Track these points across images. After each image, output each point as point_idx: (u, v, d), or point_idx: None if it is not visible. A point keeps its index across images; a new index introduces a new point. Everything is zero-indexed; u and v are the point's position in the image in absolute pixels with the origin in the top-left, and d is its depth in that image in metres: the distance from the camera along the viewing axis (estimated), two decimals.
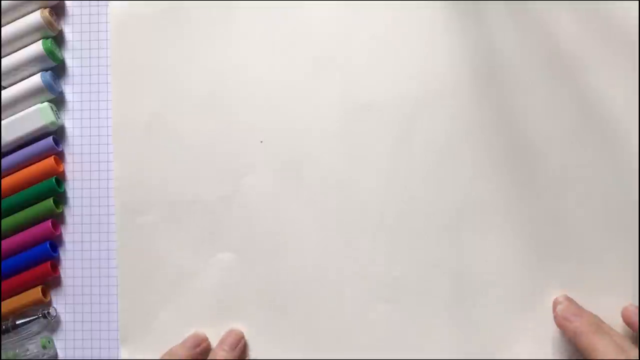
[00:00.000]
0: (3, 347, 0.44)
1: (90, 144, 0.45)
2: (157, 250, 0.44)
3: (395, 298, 0.42)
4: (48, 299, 0.45)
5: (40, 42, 0.44)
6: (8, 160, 0.45)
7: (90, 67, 0.45)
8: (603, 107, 0.41)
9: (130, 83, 0.45)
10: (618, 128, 0.41)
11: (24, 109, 0.45)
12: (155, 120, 0.44)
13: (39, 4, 0.44)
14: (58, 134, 0.45)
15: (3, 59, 0.44)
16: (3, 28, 0.44)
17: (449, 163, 0.42)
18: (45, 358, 0.44)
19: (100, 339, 0.44)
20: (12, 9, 0.44)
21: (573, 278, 0.41)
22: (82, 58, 0.45)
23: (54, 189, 0.44)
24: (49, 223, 0.44)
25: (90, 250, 0.45)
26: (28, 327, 0.44)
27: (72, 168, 0.45)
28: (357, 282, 0.42)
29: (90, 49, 0.45)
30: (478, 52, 0.43)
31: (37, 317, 0.44)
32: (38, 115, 0.44)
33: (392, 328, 0.42)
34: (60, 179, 0.45)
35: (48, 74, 0.44)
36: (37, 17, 0.44)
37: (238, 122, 0.44)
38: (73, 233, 0.45)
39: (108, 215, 0.45)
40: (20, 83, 0.44)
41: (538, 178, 0.42)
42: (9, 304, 0.44)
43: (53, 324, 0.45)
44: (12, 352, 0.44)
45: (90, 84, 0.45)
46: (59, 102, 0.46)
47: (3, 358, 0.44)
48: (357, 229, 0.42)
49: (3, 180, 0.45)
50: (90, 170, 0.45)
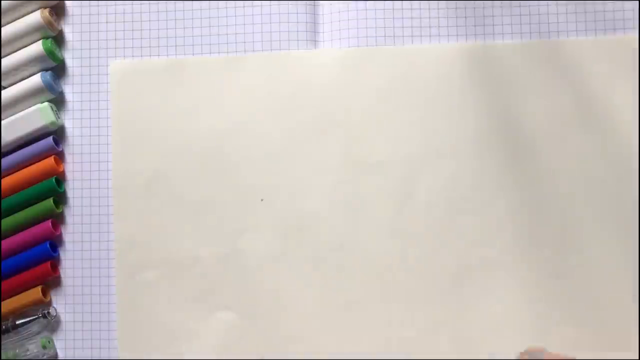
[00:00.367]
0: (3, 347, 0.44)
1: (90, 144, 0.45)
2: (156, 308, 0.44)
3: (398, 356, 0.42)
4: (48, 299, 0.45)
5: (40, 42, 0.44)
6: (8, 160, 0.45)
7: (90, 67, 0.45)
8: (614, 161, 0.42)
9: (131, 140, 0.45)
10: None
11: (24, 109, 0.45)
12: (155, 178, 0.44)
13: (39, 4, 0.44)
14: (58, 134, 0.45)
15: (3, 59, 0.44)
16: (3, 28, 0.44)
17: (452, 221, 0.42)
18: (45, 358, 0.44)
19: (100, 339, 0.44)
20: (12, 9, 0.44)
21: (575, 340, 0.41)
22: (82, 58, 0.45)
23: (54, 189, 0.44)
24: (49, 223, 0.44)
25: (90, 250, 0.45)
26: (28, 327, 0.44)
27: (72, 168, 0.45)
28: (359, 342, 0.42)
29: (90, 49, 0.45)
30: (479, 110, 0.43)
31: (37, 317, 0.44)
32: (38, 115, 0.44)
33: None
34: (60, 179, 0.45)
35: (48, 74, 0.44)
36: (37, 17, 0.44)
37: (239, 180, 0.44)
38: (73, 233, 0.45)
39: (108, 215, 0.45)
40: (20, 83, 0.44)
41: (543, 236, 0.41)
42: (9, 304, 0.44)
43: (53, 324, 0.45)
44: (12, 352, 0.44)
45: (90, 84, 0.45)
46: (59, 102, 0.46)
47: (3, 358, 0.44)
48: (358, 289, 0.42)
49: (3, 180, 0.45)
50: (90, 170, 0.45)
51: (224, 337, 0.43)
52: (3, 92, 0.45)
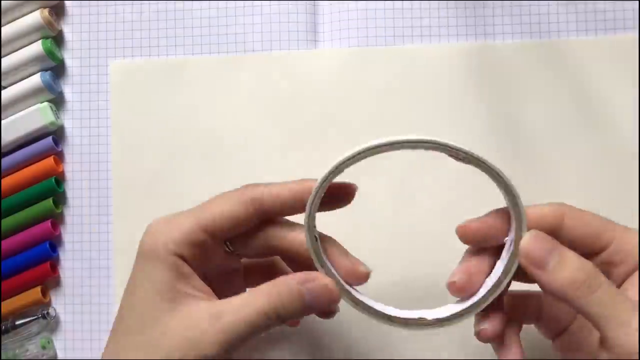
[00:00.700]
0: (3, 347, 0.44)
1: (90, 144, 0.45)
2: None
3: (398, 356, 0.42)
4: (47, 299, 0.45)
5: (40, 42, 0.44)
6: (7, 160, 0.45)
7: (90, 67, 0.45)
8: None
9: (131, 140, 0.44)
10: None
11: (24, 109, 0.44)
12: (155, 178, 0.44)
13: (39, 4, 0.44)
14: (57, 134, 0.45)
15: (3, 59, 0.44)
16: (3, 28, 0.44)
17: (452, 221, 0.42)
18: (45, 358, 0.44)
19: (100, 339, 0.44)
20: (11, 9, 0.44)
21: None
22: (81, 58, 0.45)
23: (54, 189, 0.44)
24: (49, 223, 0.44)
25: (90, 251, 0.45)
26: (27, 327, 0.44)
27: (71, 168, 0.45)
28: (358, 341, 0.42)
29: (90, 49, 0.45)
30: (479, 110, 0.43)
31: (36, 317, 0.44)
32: (38, 115, 0.44)
33: None
34: (60, 179, 0.45)
35: (48, 74, 0.44)
36: (36, 17, 0.44)
37: (239, 180, 0.43)
38: (72, 233, 0.45)
39: (107, 216, 0.45)
40: (20, 83, 0.44)
41: None
42: (9, 305, 0.44)
43: (52, 324, 0.45)
44: (11, 352, 0.44)
45: (90, 84, 0.45)
46: (59, 102, 0.45)
47: (3, 358, 0.44)
48: (357, 288, 0.42)
49: (2, 181, 0.45)
50: (90, 170, 0.45)
51: None
52: (2, 92, 0.44)
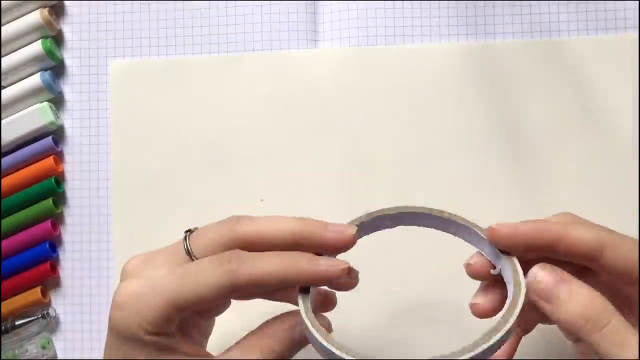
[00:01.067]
0: (2, 347, 0.44)
1: (90, 144, 0.45)
2: None
3: (398, 356, 0.42)
4: (47, 300, 0.45)
5: (40, 41, 0.44)
6: (7, 160, 0.44)
7: (90, 66, 0.45)
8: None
9: (131, 140, 0.44)
10: None
11: (23, 109, 0.44)
12: (155, 178, 0.44)
13: (39, 4, 0.44)
14: (57, 134, 0.45)
15: (2, 59, 0.44)
16: (2, 27, 0.44)
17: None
18: (45, 358, 0.44)
19: (100, 340, 0.44)
20: (11, 9, 0.44)
21: None
22: (81, 57, 0.45)
23: (53, 189, 0.44)
24: (48, 223, 0.44)
25: (90, 251, 0.45)
26: (27, 327, 0.44)
27: (71, 168, 0.45)
28: (358, 341, 0.42)
29: (90, 49, 0.45)
30: (479, 110, 0.42)
31: (36, 317, 0.44)
32: (37, 115, 0.44)
33: None
34: (60, 179, 0.45)
35: (47, 74, 0.44)
36: (36, 16, 0.44)
37: (239, 180, 0.44)
38: (72, 233, 0.45)
39: (107, 216, 0.45)
40: (20, 83, 0.44)
41: None
42: (9, 305, 0.44)
43: (52, 325, 0.45)
44: (11, 352, 0.44)
45: (90, 84, 0.45)
46: (58, 101, 0.45)
47: (2, 358, 0.44)
48: (358, 288, 0.42)
49: (2, 180, 0.44)
50: (90, 170, 0.45)
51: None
52: (2, 91, 0.44)
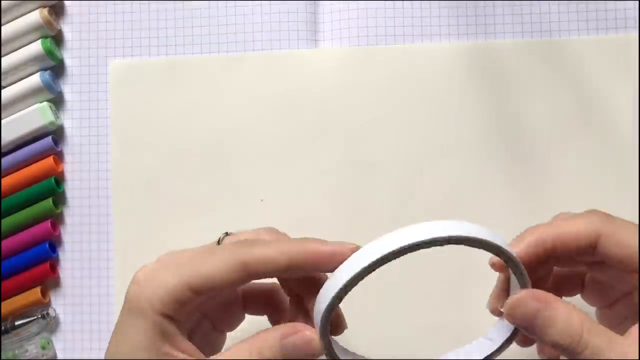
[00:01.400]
0: (2, 347, 0.44)
1: (90, 144, 0.45)
2: None
3: (397, 357, 0.42)
4: (47, 300, 0.45)
5: (40, 41, 0.44)
6: (7, 160, 0.44)
7: (90, 66, 0.45)
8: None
9: (130, 140, 0.44)
10: None
11: (23, 109, 0.44)
12: (155, 178, 0.44)
13: (38, 4, 0.44)
14: (57, 134, 0.45)
15: (2, 59, 0.44)
16: (2, 27, 0.44)
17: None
18: (45, 359, 0.44)
19: (100, 340, 0.44)
20: (11, 8, 0.44)
21: None
22: (81, 57, 0.45)
23: (53, 189, 0.44)
24: (48, 223, 0.44)
25: (90, 251, 0.45)
26: (27, 327, 0.44)
27: (71, 168, 0.45)
28: (357, 341, 0.41)
29: (90, 49, 0.45)
30: (479, 110, 0.42)
31: (36, 317, 0.44)
32: (37, 115, 0.44)
33: None
34: (59, 179, 0.45)
35: (47, 74, 0.44)
36: (36, 16, 0.44)
37: (239, 180, 0.43)
38: (72, 233, 0.45)
39: (107, 216, 0.44)
40: (19, 82, 0.44)
41: None
42: (8, 305, 0.44)
43: (52, 325, 0.45)
44: (11, 352, 0.44)
45: (90, 84, 0.45)
46: (58, 101, 0.45)
47: (2, 359, 0.44)
48: (357, 288, 0.42)
49: (2, 180, 0.44)
50: (90, 170, 0.45)
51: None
52: (2, 91, 0.44)
